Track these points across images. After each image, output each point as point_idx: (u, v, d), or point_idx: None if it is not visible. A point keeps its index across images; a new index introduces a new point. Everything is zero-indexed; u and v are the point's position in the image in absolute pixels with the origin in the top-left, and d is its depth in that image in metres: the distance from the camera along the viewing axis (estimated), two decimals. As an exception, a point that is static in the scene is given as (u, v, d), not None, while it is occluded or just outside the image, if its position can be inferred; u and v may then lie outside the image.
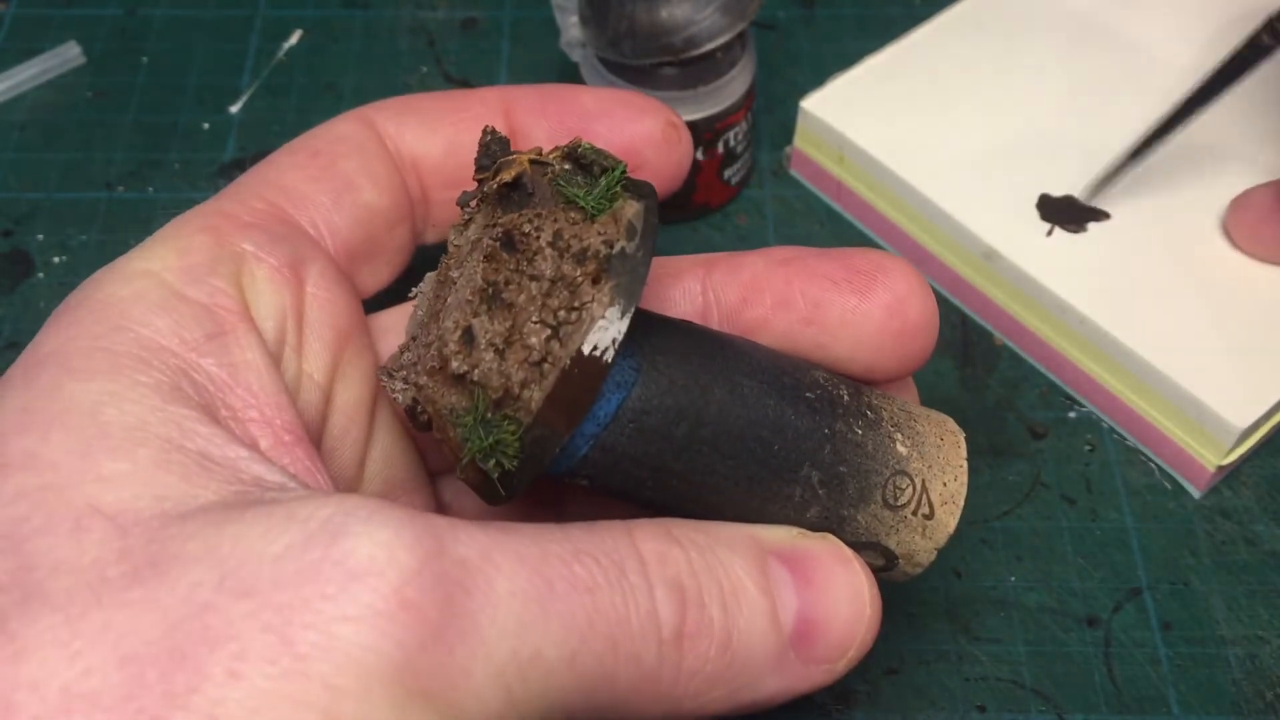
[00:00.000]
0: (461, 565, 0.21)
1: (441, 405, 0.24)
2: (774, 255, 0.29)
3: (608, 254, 0.24)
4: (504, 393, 0.23)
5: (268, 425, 0.24)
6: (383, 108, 0.30)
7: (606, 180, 0.25)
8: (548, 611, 0.21)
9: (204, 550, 0.20)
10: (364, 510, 0.20)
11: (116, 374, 0.22)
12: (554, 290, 0.24)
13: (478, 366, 0.24)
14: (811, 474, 0.26)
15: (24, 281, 0.42)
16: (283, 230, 0.27)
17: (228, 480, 0.22)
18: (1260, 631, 0.34)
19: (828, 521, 0.27)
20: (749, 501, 0.26)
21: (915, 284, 0.28)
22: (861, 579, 0.26)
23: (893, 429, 0.27)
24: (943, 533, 0.28)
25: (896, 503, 0.27)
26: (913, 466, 0.27)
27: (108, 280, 0.25)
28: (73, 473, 0.21)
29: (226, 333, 0.24)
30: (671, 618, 0.23)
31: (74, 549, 0.20)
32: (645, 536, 0.24)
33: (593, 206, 0.24)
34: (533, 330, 0.23)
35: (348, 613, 0.19)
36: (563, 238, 0.24)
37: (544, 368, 0.23)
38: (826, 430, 0.26)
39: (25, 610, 0.19)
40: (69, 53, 0.48)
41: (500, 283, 0.24)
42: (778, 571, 0.25)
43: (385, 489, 0.28)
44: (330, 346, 0.27)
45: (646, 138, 0.30)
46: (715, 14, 0.38)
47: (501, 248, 0.24)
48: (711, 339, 0.26)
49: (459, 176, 0.30)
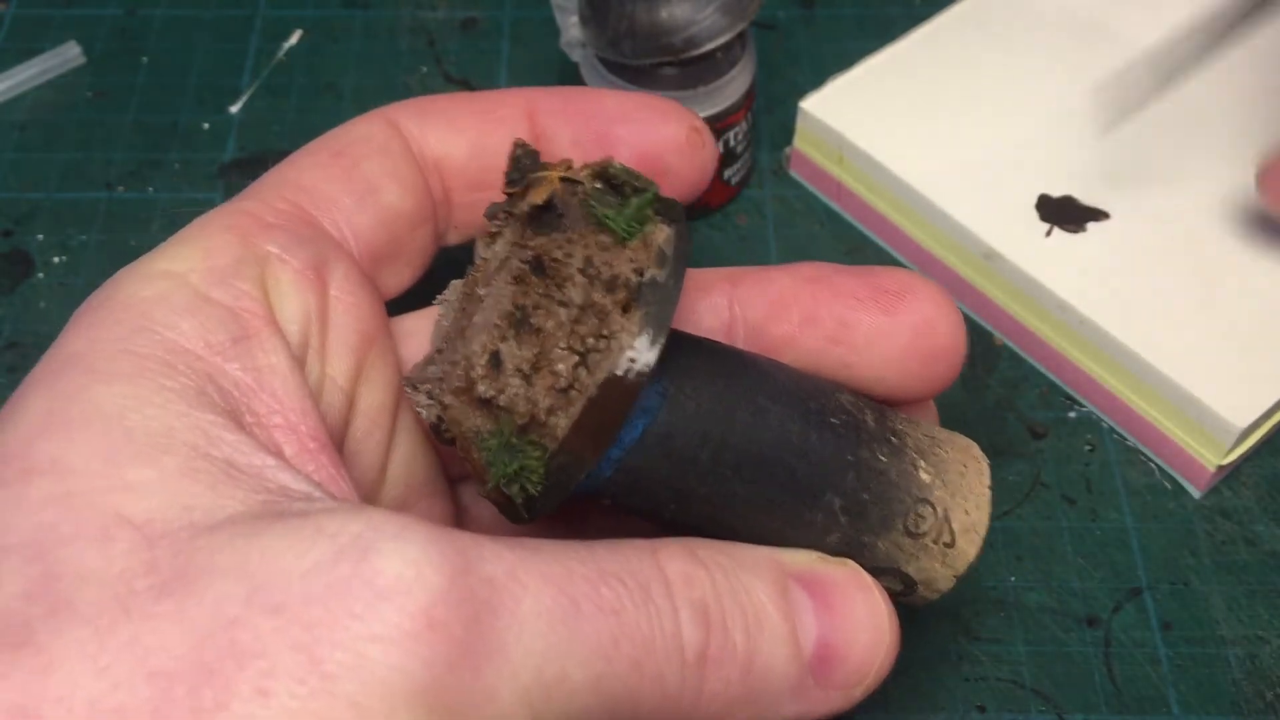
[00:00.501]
0: (489, 584, 0.20)
1: (466, 427, 0.24)
2: (801, 272, 0.29)
3: (638, 282, 0.23)
4: (530, 419, 0.23)
5: (292, 431, 0.23)
6: (405, 108, 0.30)
7: (638, 202, 0.24)
8: (574, 632, 0.21)
9: (232, 563, 0.20)
10: (392, 527, 0.20)
11: (141, 378, 0.22)
12: (583, 317, 0.23)
13: (504, 392, 0.23)
14: (834, 500, 0.26)
15: (24, 281, 0.42)
16: (306, 232, 0.26)
17: (254, 489, 0.21)
18: (1260, 631, 0.34)
19: (848, 547, 0.26)
20: (770, 524, 0.26)
21: (944, 305, 0.28)
22: (881, 606, 0.26)
23: (916, 456, 0.27)
24: (963, 561, 0.27)
25: (918, 531, 0.27)
26: (935, 495, 0.27)
27: (131, 280, 0.24)
28: (98, 479, 0.21)
29: (251, 336, 0.24)
30: (696, 641, 0.23)
31: (101, 559, 0.20)
32: (670, 557, 0.24)
33: (623, 229, 0.24)
34: (560, 357, 0.23)
35: (376, 632, 0.19)
36: (593, 264, 0.24)
37: (571, 394, 0.23)
38: (850, 457, 0.26)
39: (52, 621, 0.19)
40: (69, 53, 0.48)
41: (529, 307, 0.24)
42: (799, 596, 0.25)
43: (406, 493, 0.28)
44: (354, 350, 0.26)
45: (670, 142, 0.30)
46: (715, 14, 0.38)
47: (531, 271, 0.24)
48: (737, 360, 0.26)
49: (482, 179, 0.30)
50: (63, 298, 0.41)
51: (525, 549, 0.22)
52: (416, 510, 0.29)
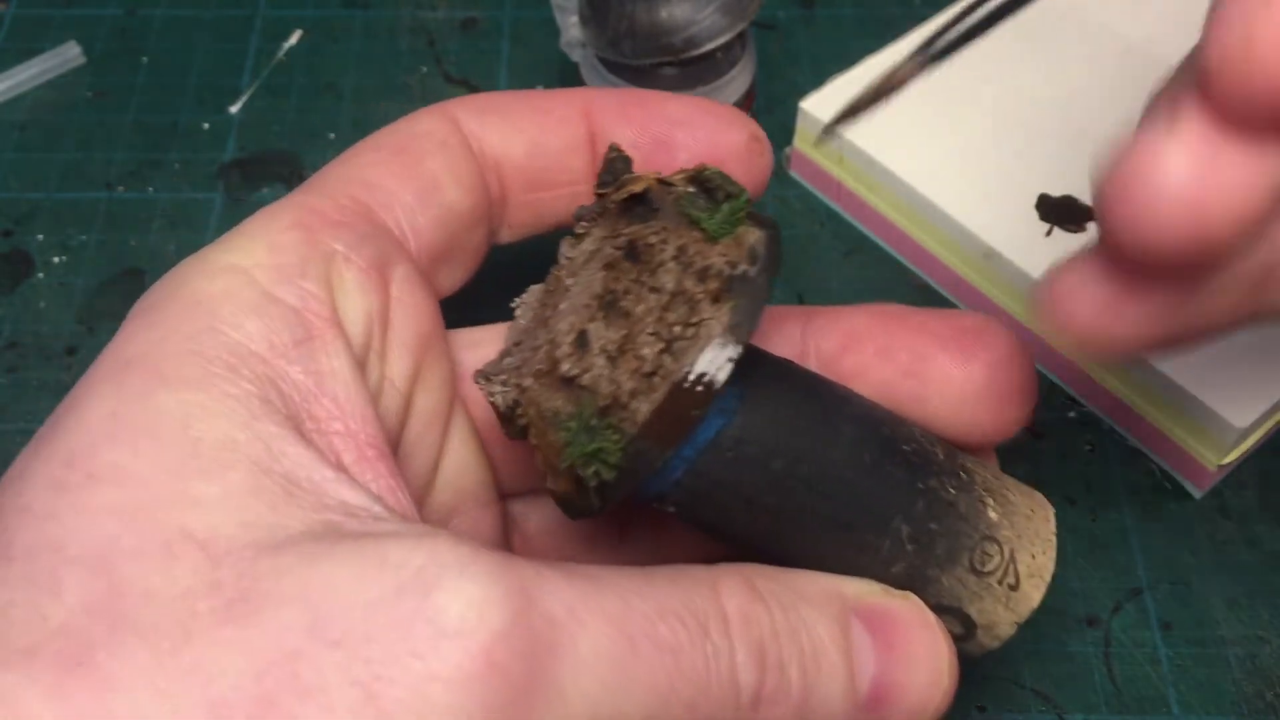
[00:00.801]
0: (549, 623, 0.20)
1: (545, 408, 0.24)
2: (875, 310, 0.29)
3: (730, 274, 0.23)
4: (612, 400, 0.23)
5: (351, 439, 0.23)
6: (465, 104, 0.30)
7: (731, 206, 0.24)
8: (630, 674, 0.21)
9: (296, 591, 0.20)
10: (455, 560, 0.20)
11: (207, 384, 0.22)
12: (673, 304, 0.23)
13: (589, 371, 0.23)
14: (902, 527, 0.26)
15: (24, 281, 0.42)
16: (369, 229, 0.26)
17: (314, 507, 0.21)
18: (1260, 631, 0.34)
19: (911, 580, 0.26)
20: (835, 547, 0.26)
21: (1019, 351, 0.28)
22: (942, 645, 0.26)
23: (985, 493, 0.27)
24: (1026, 606, 0.27)
25: (983, 569, 0.27)
26: (1002, 534, 0.27)
27: (196, 275, 0.24)
28: (163, 492, 0.21)
29: (314, 339, 0.24)
30: (751, 682, 0.23)
31: (165, 577, 0.20)
32: (729, 591, 0.23)
33: (716, 229, 0.24)
34: (647, 342, 0.23)
35: (436, 671, 0.19)
36: (686, 253, 0.24)
37: (654, 380, 0.23)
38: (920, 485, 0.26)
39: (114, 641, 0.19)
40: (69, 53, 0.48)
41: (620, 291, 0.24)
42: (859, 633, 0.25)
43: (455, 499, 0.28)
44: (412, 352, 0.26)
45: (730, 149, 0.30)
46: (715, 14, 0.38)
47: (625, 257, 0.24)
48: (815, 380, 0.26)
49: (539, 178, 0.30)
50: (63, 298, 0.41)
51: (585, 581, 0.22)
52: (465, 518, 0.29)
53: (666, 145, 0.29)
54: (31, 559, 0.20)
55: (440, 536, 0.21)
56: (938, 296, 0.41)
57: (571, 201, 0.30)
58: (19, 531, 0.20)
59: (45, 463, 0.21)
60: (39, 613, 0.19)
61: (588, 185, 0.30)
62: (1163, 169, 0.19)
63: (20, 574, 0.20)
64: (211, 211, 0.44)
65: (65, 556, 0.20)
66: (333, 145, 0.46)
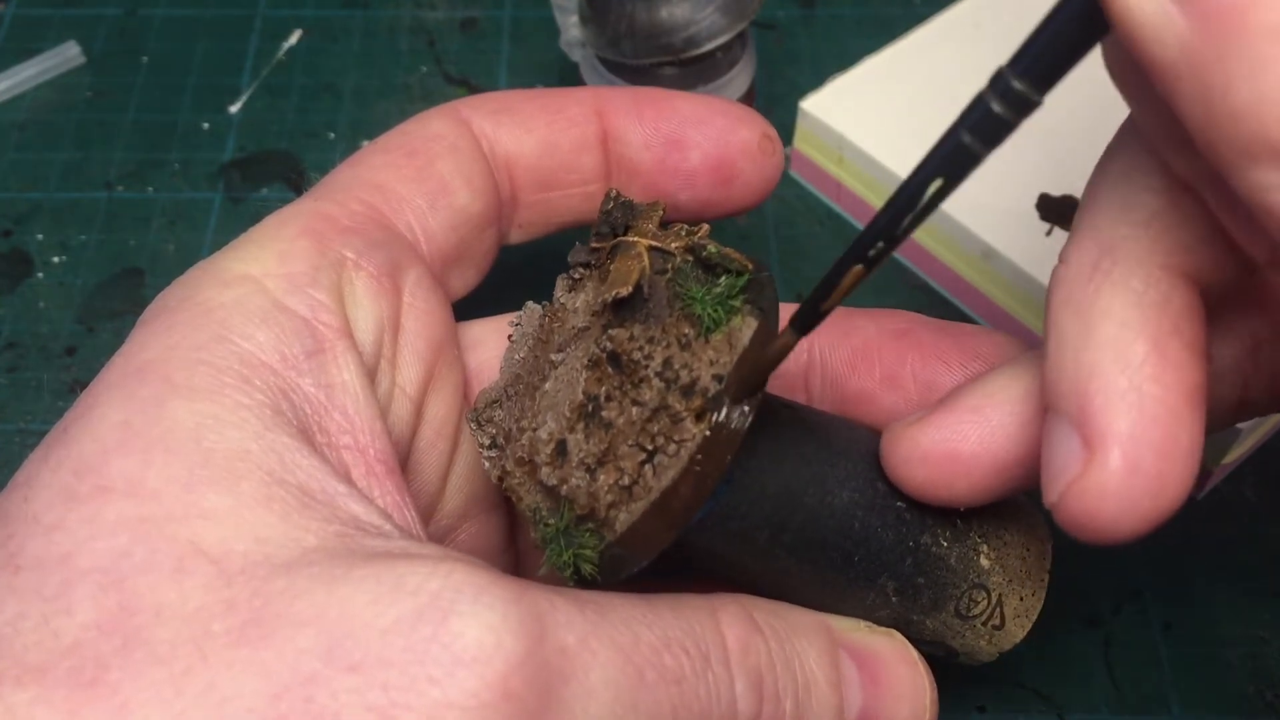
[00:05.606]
0: (562, 653, 0.21)
1: (527, 502, 0.24)
2: (885, 323, 0.28)
3: (716, 391, 0.23)
4: (589, 512, 0.23)
5: (360, 454, 0.23)
6: (476, 105, 0.29)
7: (726, 282, 0.24)
8: (637, 703, 0.21)
9: (311, 613, 0.19)
10: (472, 588, 0.20)
11: (219, 394, 0.22)
12: (655, 417, 0.23)
13: (567, 482, 0.23)
14: (888, 584, 0.26)
15: (24, 281, 0.42)
16: (381, 235, 0.26)
17: (326, 520, 0.21)
18: (1260, 631, 0.34)
19: (895, 622, 0.27)
20: (820, 599, 0.26)
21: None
22: (924, 681, 0.26)
23: (980, 540, 0.27)
24: (1009, 641, 0.28)
25: (969, 614, 0.27)
26: (992, 581, 0.27)
27: (207, 283, 0.24)
28: (175, 505, 0.20)
29: (325, 350, 0.24)
30: (749, 710, 0.23)
31: (177, 593, 0.20)
32: (730, 621, 0.24)
33: (709, 315, 0.23)
34: (628, 454, 0.23)
35: (452, 699, 0.19)
36: (672, 366, 0.23)
37: (634, 491, 0.23)
38: (910, 544, 0.26)
39: (127, 659, 0.19)
40: (69, 53, 0.48)
41: (601, 398, 0.24)
42: (847, 667, 0.25)
43: (465, 505, 0.28)
44: (424, 359, 0.26)
45: (742, 148, 0.30)
46: (715, 14, 0.38)
47: (608, 362, 0.24)
48: (810, 437, 0.26)
49: (550, 178, 0.30)
50: (63, 298, 0.41)
51: (596, 611, 0.22)
52: (475, 522, 0.29)
53: (679, 144, 0.29)
54: (41, 570, 0.20)
55: (455, 561, 0.21)
56: (937, 296, 0.41)
57: (582, 201, 0.30)
58: (28, 540, 0.20)
59: (54, 470, 0.21)
60: (50, 628, 0.19)
61: (598, 184, 0.30)
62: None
63: (29, 585, 0.20)
64: (211, 211, 0.44)
65: (75, 570, 0.20)
66: (333, 145, 0.46)
